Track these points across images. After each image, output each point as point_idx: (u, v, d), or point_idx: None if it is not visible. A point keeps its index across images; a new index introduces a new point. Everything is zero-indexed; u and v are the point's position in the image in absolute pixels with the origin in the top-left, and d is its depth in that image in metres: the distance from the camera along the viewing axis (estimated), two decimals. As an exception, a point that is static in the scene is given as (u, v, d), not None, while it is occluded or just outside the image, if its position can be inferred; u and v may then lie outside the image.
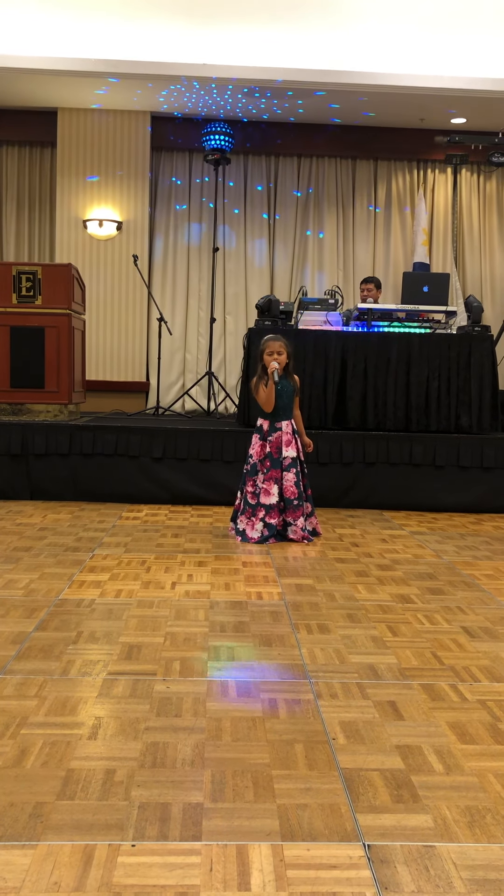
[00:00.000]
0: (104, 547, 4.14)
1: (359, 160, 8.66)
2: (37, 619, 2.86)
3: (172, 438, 5.53)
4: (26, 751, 1.85)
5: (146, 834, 1.52)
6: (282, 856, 1.46)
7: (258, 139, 8.41)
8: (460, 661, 2.55)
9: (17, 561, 3.77)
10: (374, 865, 1.44)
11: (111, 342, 8.32)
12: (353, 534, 4.72)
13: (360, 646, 2.67)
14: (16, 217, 8.58)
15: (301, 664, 2.48)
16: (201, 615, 2.98)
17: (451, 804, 1.66)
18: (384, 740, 1.96)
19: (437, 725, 2.05)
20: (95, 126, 8.15)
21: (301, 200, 8.68)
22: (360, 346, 5.76)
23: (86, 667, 2.40)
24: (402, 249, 8.72)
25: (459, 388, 5.79)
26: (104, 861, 1.43)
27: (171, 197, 8.60)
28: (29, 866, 1.41)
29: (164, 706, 2.12)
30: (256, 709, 2.12)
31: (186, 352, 8.64)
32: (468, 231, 8.78)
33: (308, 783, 1.74)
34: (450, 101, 7.43)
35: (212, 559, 3.94)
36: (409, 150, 8.52)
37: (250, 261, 8.69)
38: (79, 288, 6.27)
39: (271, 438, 4.47)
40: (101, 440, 5.52)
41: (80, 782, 1.71)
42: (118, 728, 1.98)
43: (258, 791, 1.69)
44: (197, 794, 1.68)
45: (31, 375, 5.88)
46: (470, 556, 4.20)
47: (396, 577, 3.67)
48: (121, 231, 8.25)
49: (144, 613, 2.98)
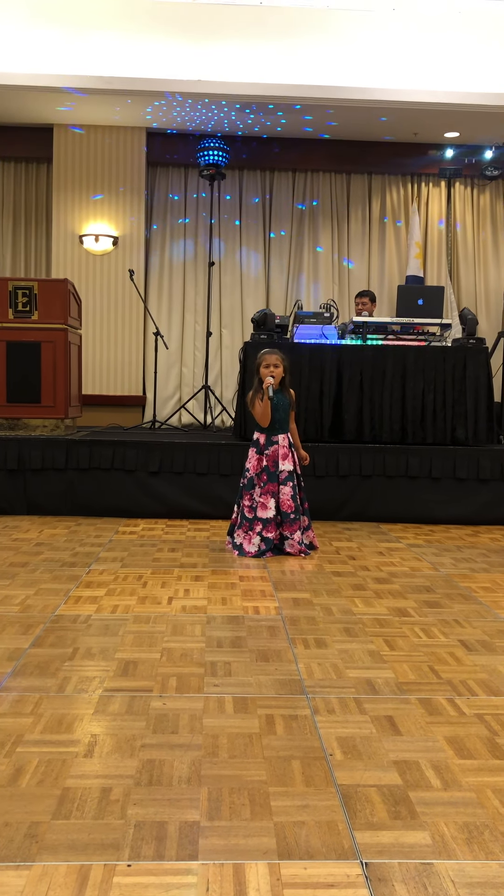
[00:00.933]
0: (101, 562, 4.12)
1: (353, 174, 8.72)
2: (33, 636, 2.85)
3: (169, 452, 5.53)
4: (22, 769, 1.84)
5: (142, 853, 1.51)
6: (279, 874, 1.45)
7: (253, 154, 8.46)
8: (458, 674, 2.55)
9: (13, 577, 3.76)
10: (371, 884, 1.43)
11: (107, 356, 8.33)
12: (349, 547, 4.71)
13: (358, 660, 2.67)
14: (12, 232, 8.61)
15: (298, 679, 2.47)
16: (198, 630, 2.97)
17: (449, 820, 1.65)
18: (381, 756, 1.95)
19: (434, 740, 2.04)
20: (91, 142, 8.20)
21: (296, 215, 8.73)
22: (355, 359, 5.77)
23: (82, 683, 2.39)
24: (396, 263, 8.76)
25: (455, 401, 5.81)
26: (100, 881, 1.42)
27: (167, 212, 8.64)
28: (24, 887, 1.40)
29: (160, 723, 2.11)
30: (253, 725, 2.11)
31: (183, 365, 8.66)
32: (462, 244, 8.83)
33: (305, 800, 1.73)
34: (444, 115, 7.49)
35: (209, 574, 3.93)
36: (403, 164, 8.58)
37: (246, 275, 8.72)
38: (75, 303, 6.29)
39: (268, 452, 4.47)
40: (98, 454, 5.51)
41: (76, 801, 1.70)
42: (114, 745, 1.97)
43: (255, 808, 1.68)
44: (193, 812, 1.67)
45: (27, 390, 5.88)
46: (467, 568, 4.20)
47: (393, 591, 3.66)
48: (117, 246, 8.28)
49: (141, 629, 2.97)
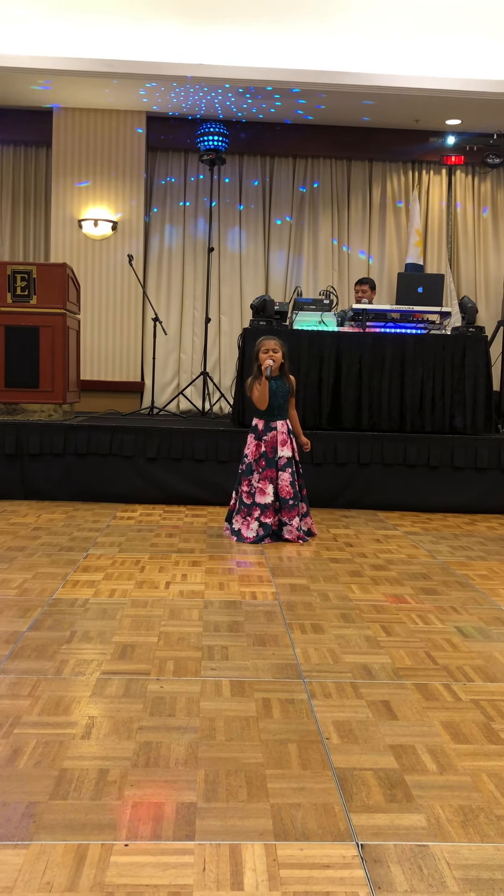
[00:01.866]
0: (98, 547, 4.13)
1: (354, 161, 8.67)
2: (30, 619, 2.86)
3: (167, 438, 5.53)
4: (19, 750, 1.84)
5: (139, 834, 1.52)
6: (275, 855, 1.46)
7: (253, 139, 8.41)
8: (454, 660, 2.56)
9: (10, 560, 3.76)
10: (367, 865, 1.44)
11: (106, 342, 8.31)
12: (347, 534, 4.72)
13: (354, 645, 2.67)
14: (11, 216, 8.56)
15: (295, 664, 2.47)
16: (195, 615, 2.98)
17: (445, 804, 1.66)
18: (378, 740, 1.96)
19: (430, 725, 2.05)
20: (91, 126, 8.14)
21: (296, 201, 8.68)
22: (354, 346, 5.76)
23: (79, 666, 2.39)
24: (396, 250, 8.73)
25: (454, 389, 5.80)
26: (97, 861, 1.43)
27: (167, 197, 8.59)
28: (21, 866, 1.41)
29: (157, 706, 2.12)
30: (250, 708, 2.12)
31: (181, 352, 8.64)
32: (462, 232, 8.79)
33: (301, 783, 1.73)
34: (445, 102, 7.44)
35: (206, 559, 3.94)
36: (404, 151, 8.53)
37: (245, 261, 8.68)
38: (74, 288, 6.26)
39: (266, 438, 4.47)
40: (96, 440, 5.51)
41: (74, 782, 1.71)
42: (111, 727, 1.98)
43: (252, 791, 1.69)
44: (190, 793, 1.67)
45: (25, 375, 5.87)
46: (464, 556, 4.21)
47: (390, 577, 3.67)
48: (116, 231, 8.24)
49: (138, 613, 2.97)
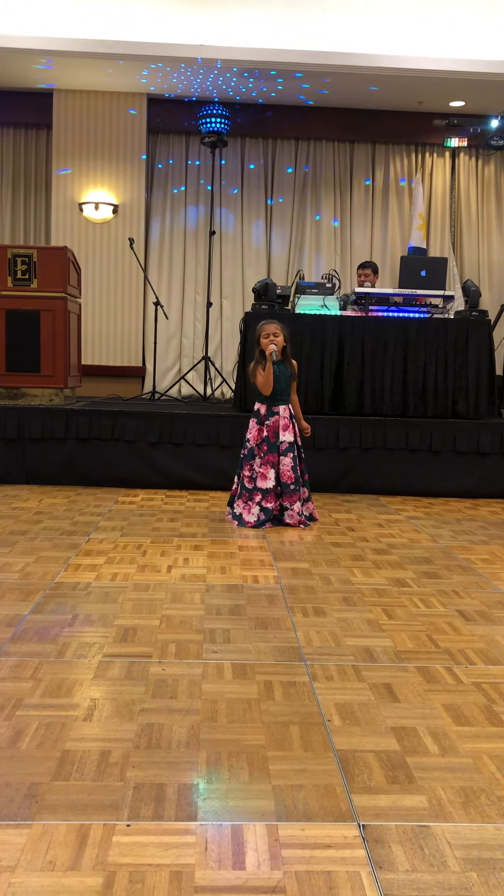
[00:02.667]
0: (100, 531, 4.13)
1: (357, 143, 8.60)
2: (32, 602, 2.86)
3: (169, 423, 5.52)
4: (21, 732, 1.85)
5: (141, 814, 1.52)
6: (276, 835, 1.46)
7: (255, 121, 8.34)
8: (456, 644, 2.56)
9: (12, 544, 3.77)
10: (368, 845, 1.45)
11: (107, 326, 8.29)
12: (349, 518, 4.72)
13: (356, 629, 2.68)
14: (11, 199, 8.52)
15: (297, 647, 2.48)
16: (197, 598, 2.98)
17: (446, 785, 1.67)
18: (379, 722, 1.96)
19: (432, 707, 2.05)
20: (91, 108, 8.08)
21: (298, 184, 8.62)
22: (357, 330, 5.74)
23: (81, 649, 2.40)
24: (399, 233, 8.68)
25: (456, 374, 5.78)
26: (99, 840, 1.43)
27: (168, 180, 8.54)
28: (24, 845, 1.42)
29: (159, 688, 2.12)
30: (252, 691, 2.12)
31: (183, 336, 8.61)
32: (466, 215, 8.74)
33: (303, 764, 1.74)
34: (449, 83, 7.37)
35: (208, 543, 3.94)
36: (407, 133, 8.46)
37: (247, 244, 8.64)
38: (74, 271, 6.23)
39: (268, 423, 4.46)
40: (97, 425, 5.50)
41: (76, 763, 1.71)
42: (114, 710, 1.98)
43: (253, 772, 1.70)
44: (192, 774, 1.68)
45: (26, 359, 5.85)
46: (466, 540, 4.21)
47: (392, 562, 3.67)
48: (117, 214, 8.20)
49: (140, 596, 2.97)
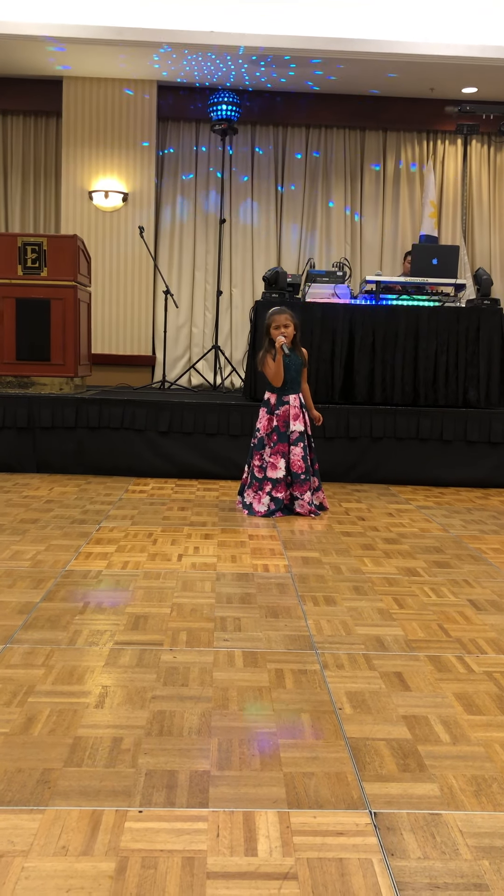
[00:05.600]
0: (110, 519, 4.14)
1: (368, 130, 8.54)
2: (44, 590, 2.87)
3: (178, 412, 5.51)
4: (34, 718, 1.86)
5: (153, 800, 1.53)
6: (288, 823, 1.47)
7: (266, 109, 8.29)
8: (467, 633, 2.55)
9: (23, 533, 3.78)
10: (380, 832, 1.45)
11: (117, 315, 8.28)
12: (359, 508, 4.71)
13: (367, 618, 2.67)
14: (21, 188, 8.51)
15: (307, 635, 2.48)
16: (208, 587, 2.98)
17: (458, 773, 1.66)
18: (391, 710, 1.96)
19: (443, 696, 2.05)
20: (101, 95, 8.05)
21: (309, 171, 8.57)
22: (367, 319, 5.71)
23: (93, 637, 2.40)
24: (410, 221, 8.63)
25: (468, 362, 5.75)
26: (111, 826, 1.44)
27: (178, 167, 8.50)
28: (37, 830, 1.42)
29: (170, 675, 2.13)
30: (263, 679, 2.12)
31: (193, 325, 8.60)
32: (477, 203, 8.67)
33: (314, 752, 1.74)
34: (461, 70, 7.30)
35: (218, 532, 3.94)
36: (418, 120, 8.39)
37: (257, 233, 8.60)
38: (84, 260, 6.22)
39: (279, 412, 4.45)
40: (108, 414, 5.50)
41: (88, 749, 1.72)
42: (125, 697, 1.99)
43: (265, 759, 1.70)
44: (204, 762, 1.68)
45: (36, 348, 5.86)
46: (477, 530, 4.19)
47: (403, 551, 3.67)
48: (126, 202, 8.17)
49: (151, 585, 2.98)
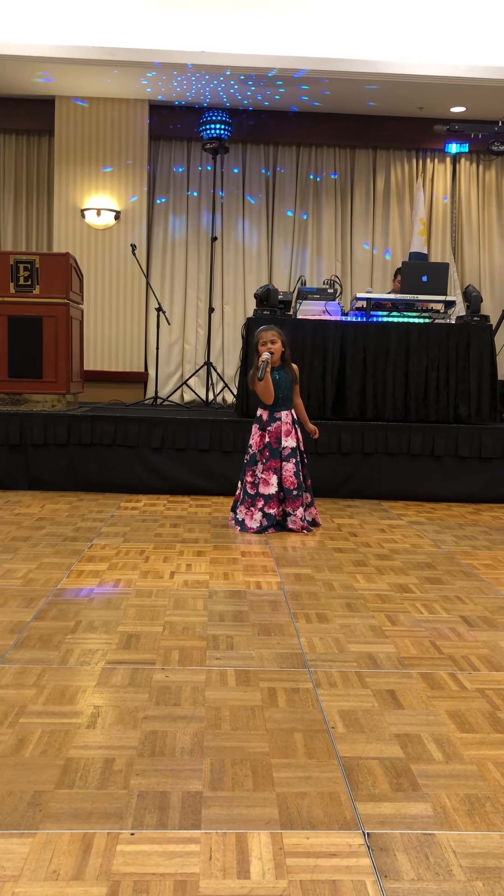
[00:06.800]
0: (103, 537, 4.13)
1: (358, 149, 8.62)
2: (35, 609, 2.86)
3: (171, 429, 5.52)
4: (25, 739, 1.84)
5: (145, 822, 1.52)
6: (281, 844, 1.46)
7: (257, 128, 8.36)
8: (459, 650, 2.55)
9: (15, 551, 3.77)
10: (373, 853, 1.44)
11: (109, 332, 8.30)
12: (351, 524, 4.71)
13: (359, 635, 2.67)
14: (13, 206, 8.54)
15: (300, 653, 2.47)
16: (200, 604, 2.98)
17: (451, 792, 1.66)
18: (383, 729, 1.95)
19: (436, 714, 2.05)
20: (93, 115, 8.10)
21: (300, 189, 8.64)
22: (358, 335, 5.74)
23: (84, 656, 2.39)
24: (400, 239, 8.69)
25: (458, 379, 5.78)
26: (103, 849, 1.43)
27: (170, 186, 8.55)
28: (28, 854, 1.41)
29: (162, 695, 2.12)
30: (255, 697, 2.12)
31: (185, 342, 8.62)
32: (467, 220, 8.74)
33: (307, 771, 1.73)
34: (449, 89, 7.39)
35: (210, 549, 3.93)
36: (408, 138, 8.47)
37: (249, 250, 8.65)
38: (77, 277, 6.24)
39: (270, 429, 4.46)
40: (100, 430, 5.50)
41: (79, 771, 1.71)
42: (117, 717, 1.98)
43: (257, 780, 1.69)
44: (196, 782, 1.67)
45: (29, 365, 5.86)
46: (468, 545, 4.20)
47: (395, 567, 3.67)
48: (119, 220, 8.21)
49: (143, 603, 2.97)
